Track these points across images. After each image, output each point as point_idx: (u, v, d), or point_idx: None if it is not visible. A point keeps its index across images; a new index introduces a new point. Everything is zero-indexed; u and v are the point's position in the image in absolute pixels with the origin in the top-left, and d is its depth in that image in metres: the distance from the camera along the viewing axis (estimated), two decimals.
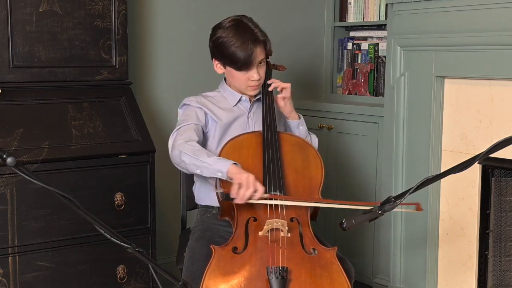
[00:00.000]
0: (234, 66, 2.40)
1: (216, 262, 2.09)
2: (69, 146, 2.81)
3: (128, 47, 3.14)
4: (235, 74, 2.43)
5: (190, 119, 2.40)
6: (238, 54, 2.36)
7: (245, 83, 2.44)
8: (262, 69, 2.44)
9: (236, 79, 2.45)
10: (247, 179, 2.09)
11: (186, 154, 2.22)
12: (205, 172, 2.20)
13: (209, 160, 2.18)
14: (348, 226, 1.92)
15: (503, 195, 2.92)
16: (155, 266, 1.70)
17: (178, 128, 2.36)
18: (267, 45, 2.43)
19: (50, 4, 2.90)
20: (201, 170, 2.20)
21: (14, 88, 2.84)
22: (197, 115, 2.42)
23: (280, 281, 2.02)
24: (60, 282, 2.79)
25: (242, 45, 2.35)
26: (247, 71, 2.40)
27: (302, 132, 2.52)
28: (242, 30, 2.38)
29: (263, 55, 2.42)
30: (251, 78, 2.41)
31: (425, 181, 1.81)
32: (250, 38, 2.36)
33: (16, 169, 1.47)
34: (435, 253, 3.11)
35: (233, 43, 2.36)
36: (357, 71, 3.97)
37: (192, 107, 2.45)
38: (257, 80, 2.42)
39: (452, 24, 2.91)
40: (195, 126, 2.38)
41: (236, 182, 2.10)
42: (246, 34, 2.37)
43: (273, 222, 2.12)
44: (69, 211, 2.72)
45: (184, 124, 2.37)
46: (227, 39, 2.37)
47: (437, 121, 3.05)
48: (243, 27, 2.39)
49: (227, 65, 2.43)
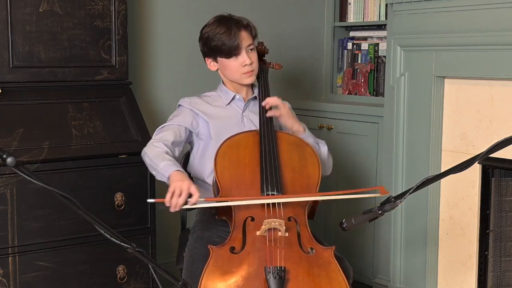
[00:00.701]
0: (224, 54, 2.45)
1: (213, 262, 2.09)
2: (69, 146, 2.81)
3: (128, 47, 3.14)
4: (227, 64, 2.47)
5: (174, 120, 2.48)
6: (224, 40, 2.42)
7: (239, 71, 2.46)
8: (253, 54, 2.48)
9: (229, 69, 2.47)
10: (179, 187, 2.12)
11: (147, 156, 2.35)
12: (157, 175, 2.30)
13: (160, 164, 2.26)
14: (348, 226, 1.91)
15: (503, 195, 2.92)
16: (155, 266, 1.70)
17: (162, 127, 2.46)
18: (252, 31, 2.49)
19: (50, 4, 2.90)
20: (155, 172, 2.31)
21: (14, 88, 2.84)
22: (184, 116, 2.49)
23: (278, 281, 2.02)
24: (60, 282, 2.79)
25: (227, 30, 2.43)
26: (237, 56, 2.44)
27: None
28: (225, 21, 2.47)
29: (250, 39, 2.47)
30: (243, 63, 2.44)
31: (425, 181, 1.81)
32: (233, 23, 2.45)
33: (16, 169, 1.47)
34: (435, 253, 3.11)
35: (217, 31, 2.44)
36: (357, 71, 3.97)
37: (182, 107, 2.52)
38: (250, 65, 2.45)
39: (452, 24, 2.91)
40: (177, 127, 2.45)
41: (170, 190, 2.14)
42: (229, 21, 2.46)
43: (271, 222, 2.12)
44: (69, 211, 2.72)
45: (167, 124, 2.47)
46: (212, 31, 2.46)
47: (437, 121, 3.05)
48: (226, 18, 2.49)
49: (218, 56, 2.48)
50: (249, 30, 2.47)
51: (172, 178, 2.18)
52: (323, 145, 2.55)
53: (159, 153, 2.31)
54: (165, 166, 2.24)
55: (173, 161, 2.26)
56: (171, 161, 2.26)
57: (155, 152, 2.32)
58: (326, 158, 2.54)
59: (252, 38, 2.48)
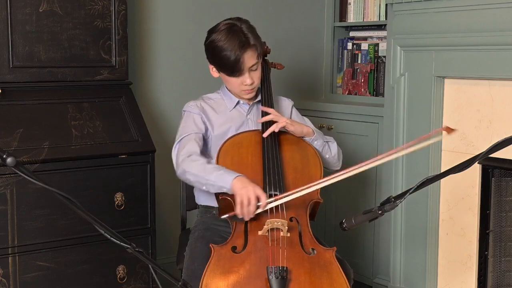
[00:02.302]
0: (225, 72, 2.42)
1: (215, 261, 2.09)
2: (69, 146, 2.81)
3: (128, 47, 3.14)
4: (228, 79, 2.45)
5: (189, 129, 2.42)
6: (227, 61, 2.36)
7: (239, 88, 2.44)
8: (255, 74, 2.43)
9: (230, 83, 2.46)
10: (246, 195, 2.10)
11: (190, 173, 2.26)
12: (211, 189, 2.23)
13: (211, 177, 2.19)
14: (348, 226, 1.91)
15: (503, 195, 2.92)
16: (155, 266, 1.70)
17: (180, 140, 2.39)
18: (259, 49, 2.41)
19: (50, 4, 2.90)
20: (206, 187, 2.24)
21: (14, 88, 2.84)
22: (195, 122, 2.44)
23: (280, 281, 2.02)
24: (60, 282, 2.79)
25: (231, 51, 2.35)
26: (239, 76, 2.40)
27: (318, 147, 2.48)
28: (233, 35, 2.37)
29: (254, 59, 2.39)
30: (243, 83, 2.41)
31: (425, 181, 1.81)
32: (239, 43, 2.35)
33: (16, 169, 1.47)
34: (435, 253, 3.11)
35: (222, 49, 2.36)
36: (357, 71, 3.97)
37: (191, 114, 2.47)
38: (250, 85, 2.42)
39: (452, 24, 2.91)
40: (195, 136, 2.39)
41: (238, 202, 2.11)
42: (236, 39, 2.35)
43: (273, 222, 2.12)
44: (69, 211, 2.72)
45: (184, 135, 2.39)
46: (218, 44, 2.37)
47: (437, 121, 3.05)
48: (235, 31, 2.38)
49: (219, 70, 2.45)
50: (254, 49, 2.39)
51: (234, 188, 2.13)
52: (332, 143, 2.55)
53: (202, 165, 2.25)
54: (218, 177, 2.18)
55: (222, 169, 2.21)
56: (220, 169, 2.21)
57: (197, 166, 2.25)
58: (337, 154, 2.55)
59: (257, 56, 2.41)
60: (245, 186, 2.11)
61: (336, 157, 2.55)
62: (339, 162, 2.58)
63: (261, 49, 2.44)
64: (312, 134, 2.47)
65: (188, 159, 2.28)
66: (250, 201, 2.10)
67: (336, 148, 2.55)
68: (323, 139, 2.52)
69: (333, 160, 2.55)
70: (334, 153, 2.54)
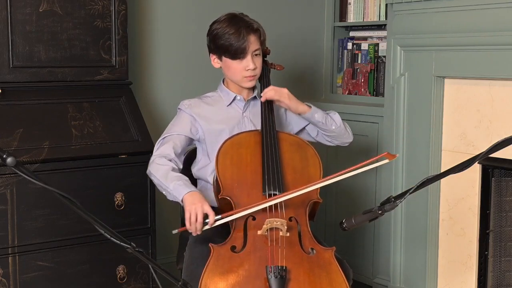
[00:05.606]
0: (229, 55, 2.43)
1: (214, 260, 2.09)
2: (69, 146, 2.81)
3: (128, 47, 3.14)
4: (230, 65, 2.45)
5: (174, 128, 2.47)
6: (232, 41, 2.40)
7: (241, 73, 2.44)
8: (257, 60, 2.45)
9: (232, 70, 2.46)
10: (194, 211, 2.14)
11: (153, 176, 2.34)
12: (168, 196, 2.29)
13: (170, 186, 2.25)
14: (348, 226, 1.91)
15: (503, 195, 2.92)
16: (155, 266, 1.70)
17: (163, 138, 2.45)
18: (261, 36, 2.46)
19: (50, 4, 2.90)
20: (166, 193, 2.31)
21: (14, 88, 2.84)
22: (182, 124, 2.47)
23: (280, 281, 2.02)
24: (60, 282, 2.79)
25: (236, 32, 2.40)
26: (242, 59, 2.41)
27: (321, 119, 2.49)
28: (235, 20, 2.44)
29: (257, 44, 2.44)
30: (246, 67, 2.42)
31: (425, 181, 1.81)
32: (243, 26, 2.41)
33: (16, 169, 1.47)
34: (435, 253, 3.11)
35: (227, 31, 2.41)
36: (357, 71, 3.97)
37: (182, 113, 2.51)
38: (253, 70, 2.43)
39: (452, 24, 2.91)
40: (176, 137, 2.44)
41: (187, 217, 2.16)
42: (240, 22, 2.43)
43: (273, 221, 2.12)
44: (69, 211, 2.72)
45: (167, 134, 2.45)
46: (221, 29, 2.42)
47: (437, 121, 3.05)
48: (237, 18, 2.45)
49: (223, 55, 2.45)
50: (258, 35, 2.44)
51: (185, 202, 2.18)
52: (333, 114, 2.56)
53: (166, 172, 2.29)
54: (175, 188, 2.23)
55: (182, 180, 2.25)
56: (180, 180, 2.25)
57: (161, 171, 2.30)
58: (341, 125, 2.56)
59: (259, 43, 2.45)
60: (194, 203, 2.15)
61: (343, 127, 2.57)
62: (348, 132, 2.61)
63: (263, 37, 2.48)
64: (309, 109, 2.48)
65: (157, 161, 2.35)
66: (197, 218, 2.13)
67: (339, 118, 2.56)
68: (324, 112, 2.53)
69: (341, 131, 2.56)
70: (339, 122, 2.55)
